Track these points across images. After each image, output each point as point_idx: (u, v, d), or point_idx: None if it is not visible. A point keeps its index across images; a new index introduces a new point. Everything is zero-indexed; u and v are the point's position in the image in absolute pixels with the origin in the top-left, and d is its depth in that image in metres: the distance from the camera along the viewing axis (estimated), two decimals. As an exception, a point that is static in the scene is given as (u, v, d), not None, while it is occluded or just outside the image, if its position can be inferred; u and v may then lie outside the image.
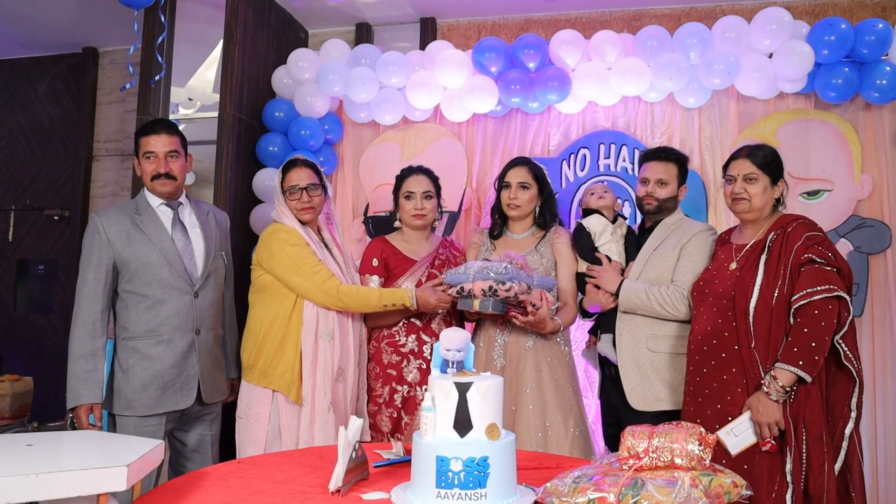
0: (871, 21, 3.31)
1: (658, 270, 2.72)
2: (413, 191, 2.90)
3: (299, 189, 2.75)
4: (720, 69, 3.36)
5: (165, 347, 2.54)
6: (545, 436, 2.67)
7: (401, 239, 2.98)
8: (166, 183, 2.61)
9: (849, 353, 2.27)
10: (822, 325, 2.22)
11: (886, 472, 3.28)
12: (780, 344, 2.28)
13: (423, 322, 2.85)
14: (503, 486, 1.47)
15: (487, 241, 2.98)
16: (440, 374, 1.63)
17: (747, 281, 2.37)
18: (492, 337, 2.82)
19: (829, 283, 2.24)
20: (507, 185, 2.89)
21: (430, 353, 2.76)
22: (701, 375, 2.43)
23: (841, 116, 3.46)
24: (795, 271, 2.30)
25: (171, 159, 2.62)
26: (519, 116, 3.84)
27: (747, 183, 2.45)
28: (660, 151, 2.84)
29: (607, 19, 4.17)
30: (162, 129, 2.63)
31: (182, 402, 2.57)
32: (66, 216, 4.84)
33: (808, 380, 2.22)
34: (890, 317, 3.33)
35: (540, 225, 2.93)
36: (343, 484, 1.60)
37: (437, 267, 2.89)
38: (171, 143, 2.62)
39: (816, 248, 2.29)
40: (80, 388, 2.45)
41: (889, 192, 3.39)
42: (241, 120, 3.90)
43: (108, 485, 1.44)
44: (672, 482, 1.28)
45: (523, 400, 2.71)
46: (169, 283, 2.56)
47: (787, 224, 2.40)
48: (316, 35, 4.55)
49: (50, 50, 4.97)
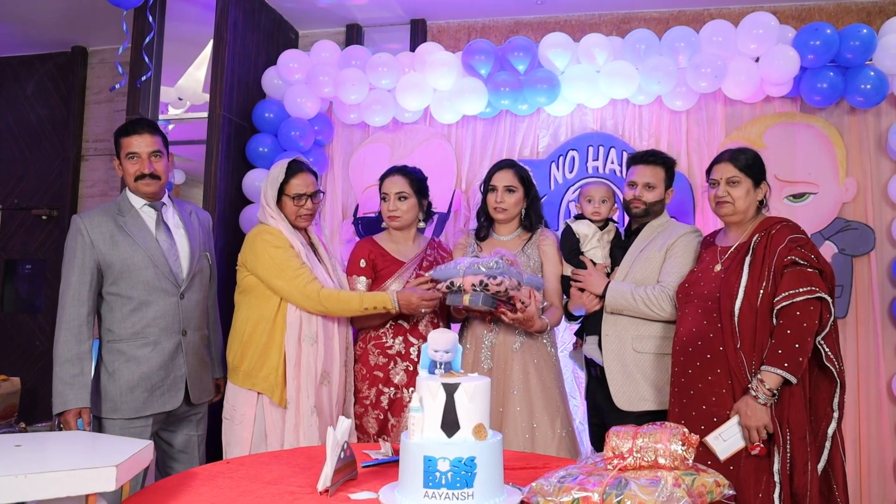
0: (856, 26, 3.35)
1: (644, 272, 2.74)
2: (387, 192, 2.89)
3: (306, 196, 2.75)
4: (707, 73, 3.39)
5: (152, 349, 2.53)
6: (532, 437, 2.68)
7: (388, 240, 2.97)
8: (151, 183, 2.58)
9: (830, 354, 2.30)
10: (804, 326, 2.25)
11: (871, 472, 3.32)
12: (766, 344, 2.30)
13: (410, 324, 2.85)
14: (490, 486, 1.48)
15: (474, 243, 2.98)
16: (428, 375, 1.65)
17: (732, 283, 2.39)
18: (479, 338, 2.82)
19: (811, 285, 2.27)
20: (494, 189, 2.89)
21: (417, 356, 2.77)
22: (686, 377, 2.46)
23: (826, 120, 3.50)
24: (778, 273, 2.33)
25: (154, 159, 2.58)
26: (508, 118, 3.86)
27: (730, 186, 2.47)
28: (647, 155, 2.86)
29: (596, 22, 4.20)
30: (144, 129, 2.59)
31: (169, 403, 2.56)
32: (54, 216, 4.81)
33: (794, 381, 2.25)
34: (873, 318, 3.38)
35: (526, 227, 2.94)
36: (331, 484, 1.61)
37: (425, 269, 2.86)
38: (154, 142, 2.59)
39: (799, 251, 2.32)
40: (67, 392, 2.42)
41: (873, 195, 3.43)
42: (231, 120, 3.90)
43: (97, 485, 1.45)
44: (655, 482, 1.30)
45: (511, 401, 2.72)
46: (154, 284, 2.54)
47: (772, 226, 2.42)
48: (306, 36, 4.55)
49: (38, 49, 4.94)
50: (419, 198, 2.93)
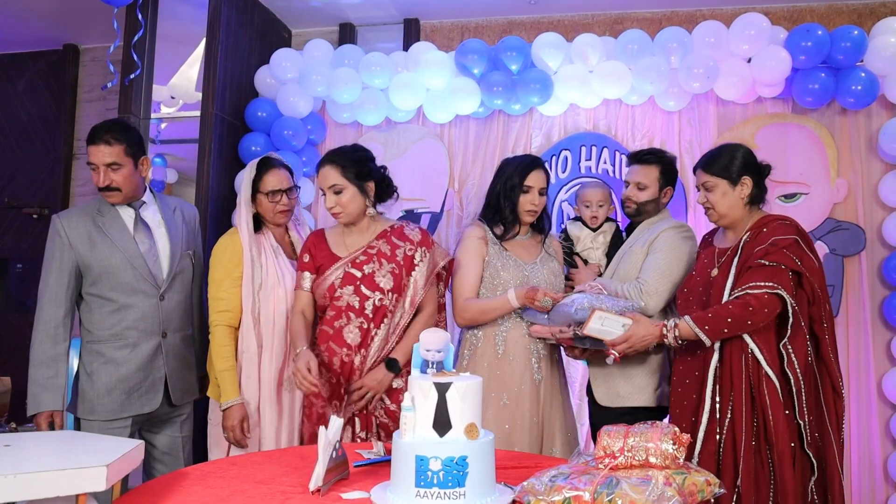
0: (847, 28, 3.37)
1: (626, 268, 2.71)
2: (321, 187, 2.56)
3: (281, 192, 2.67)
4: (700, 73, 3.41)
5: (131, 351, 2.50)
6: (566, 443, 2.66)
7: (338, 232, 2.63)
8: (111, 195, 2.51)
9: (794, 357, 2.23)
10: (748, 310, 2.20)
11: (861, 472, 3.34)
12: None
13: None
14: (482, 485, 1.48)
15: (494, 242, 2.71)
16: (420, 375, 1.65)
17: (721, 286, 2.34)
18: (527, 349, 2.63)
19: (772, 281, 2.21)
20: (528, 190, 2.67)
21: (371, 339, 2.52)
22: (683, 386, 2.41)
23: (817, 121, 3.52)
24: (744, 269, 2.29)
25: (112, 171, 2.47)
26: (501, 118, 3.86)
27: (707, 192, 2.42)
28: (642, 154, 2.82)
29: (589, 22, 4.20)
30: (101, 139, 2.46)
31: (147, 405, 2.54)
32: (45, 214, 4.78)
33: (707, 343, 2.24)
34: (864, 318, 3.39)
35: (534, 227, 2.80)
36: (323, 483, 1.61)
37: (358, 265, 2.51)
38: (112, 153, 2.46)
39: (775, 254, 2.24)
40: (39, 394, 2.42)
41: (864, 195, 3.45)
42: (224, 119, 3.89)
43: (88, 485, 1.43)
44: (646, 481, 1.31)
45: (557, 412, 2.67)
46: (133, 286, 2.51)
47: (765, 224, 2.35)
48: (299, 35, 4.54)
49: (30, 46, 4.91)
50: (359, 183, 2.52)
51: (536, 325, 2.56)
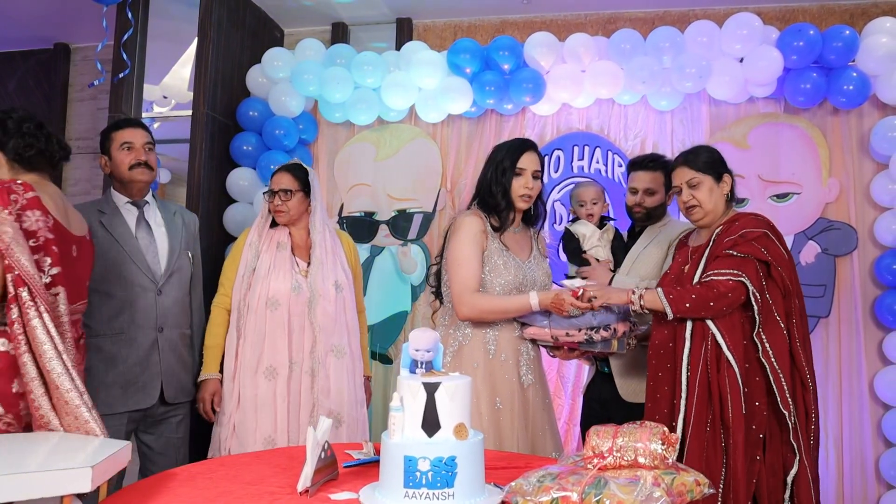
0: (839, 28, 3.38)
1: (646, 268, 2.73)
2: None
3: (273, 193, 2.81)
4: (692, 73, 3.41)
5: (128, 345, 2.54)
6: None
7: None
8: (145, 172, 2.65)
9: (768, 347, 2.23)
10: (712, 291, 2.22)
11: (853, 472, 3.34)
12: None
13: None
14: (471, 486, 1.48)
15: (493, 236, 2.56)
16: (409, 375, 1.64)
17: (690, 276, 2.34)
18: (517, 350, 2.53)
19: (737, 269, 2.23)
20: (520, 173, 2.52)
21: None
22: (656, 380, 2.39)
23: (809, 121, 3.53)
24: (712, 258, 2.30)
25: (148, 151, 2.68)
26: (493, 117, 3.86)
27: (693, 189, 2.39)
28: (647, 160, 2.83)
29: (582, 22, 4.20)
30: (138, 124, 2.73)
31: (144, 401, 2.56)
32: (36, 214, 4.76)
33: (669, 314, 2.26)
34: (855, 318, 3.40)
35: (525, 220, 2.68)
36: (311, 484, 1.60)
37: None
38: (147, 136, 2.70)
39: (743, 246, 2.25)
40: None
41: (855, 195, 3.46)
42: (215, 119, 3.87)
43: (73, 486, 1.42)
44: (634, 481, 1.30)
45: (550, 417, 2.64)
46: (132, 280, 2.57)
47: (738, 218, 2.36)
48: (291, 34, 4.53)
49: (20, 45, 4.89)
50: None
51: (532, 326, 2.50)
